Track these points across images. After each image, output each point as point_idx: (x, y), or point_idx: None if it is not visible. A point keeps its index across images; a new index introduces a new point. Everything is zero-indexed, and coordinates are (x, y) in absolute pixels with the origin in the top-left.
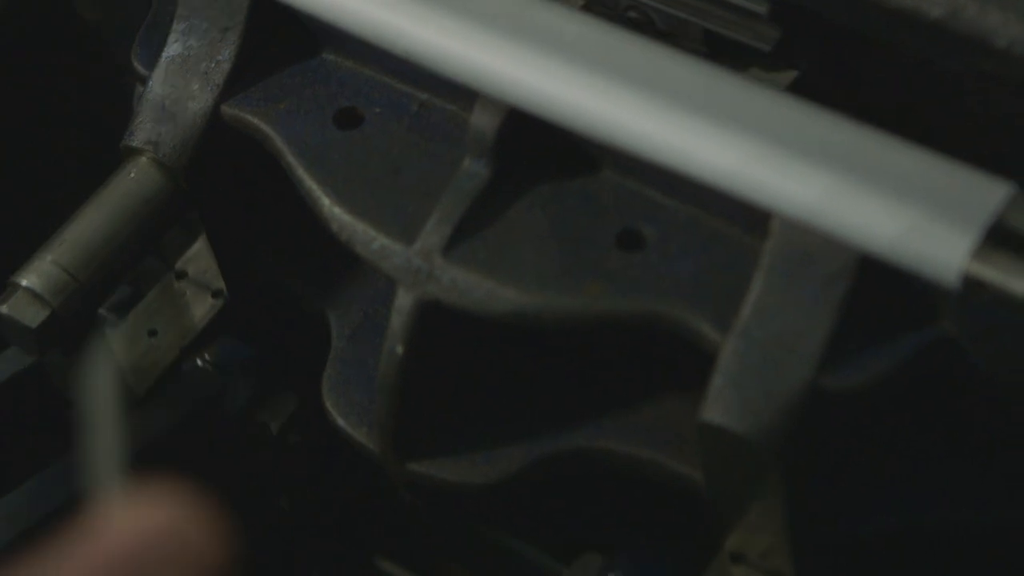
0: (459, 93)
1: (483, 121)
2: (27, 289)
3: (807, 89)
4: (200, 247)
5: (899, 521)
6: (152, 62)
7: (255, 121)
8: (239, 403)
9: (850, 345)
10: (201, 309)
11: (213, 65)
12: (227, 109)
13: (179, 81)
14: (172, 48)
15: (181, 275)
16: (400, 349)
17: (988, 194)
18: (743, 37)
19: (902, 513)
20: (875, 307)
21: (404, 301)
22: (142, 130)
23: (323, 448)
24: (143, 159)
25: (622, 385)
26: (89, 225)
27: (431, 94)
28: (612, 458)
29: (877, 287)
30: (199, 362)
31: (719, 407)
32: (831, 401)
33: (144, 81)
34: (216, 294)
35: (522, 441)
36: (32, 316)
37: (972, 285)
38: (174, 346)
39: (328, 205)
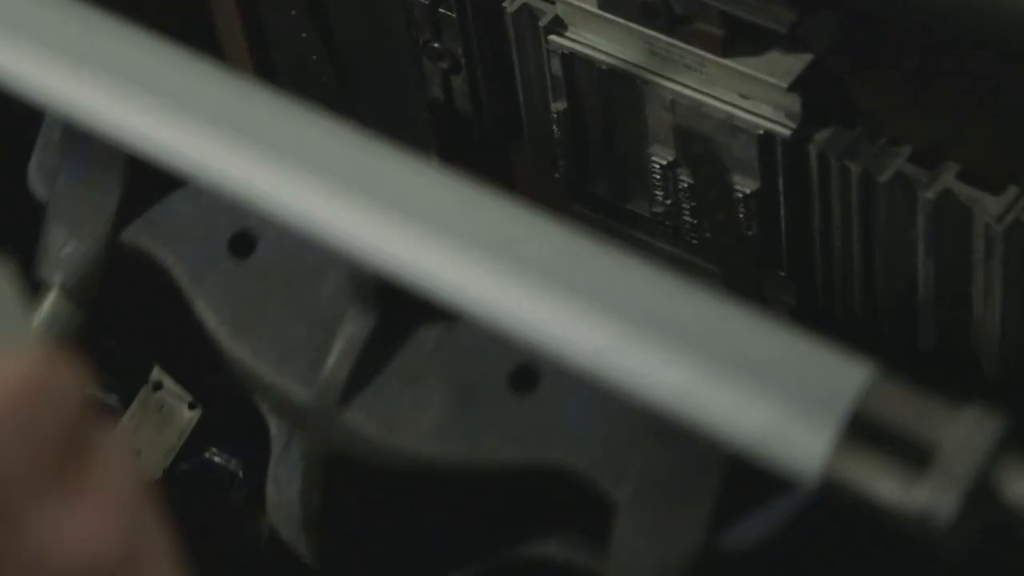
0: None
1: (360, 271)
2: None
3: (822, 72)
4: None
5: None
6: (48, 185)
7: (153, 250)
8: (239, 498)
9: (741, 503)
10: (181, 422)
11: (106, 193)
12: (125, 237)
13: (75, 211)
14: (67, 175)
15: (157, 386)
16: (314, 498)
17: (847, 381)
18: (760, 19)
19: None
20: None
21: (305, 451)
22: (46, 261)
23: None
24: (54, 290)
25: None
26: None
27: None
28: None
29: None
30: (206, 455)
31: (616, 566)
32: (726, 559)
33: (44, 206)
34: (192, 405)
35: (453, 562)
36: None
37: (832, 487)
38: (158, 466)
39: (228, 347)
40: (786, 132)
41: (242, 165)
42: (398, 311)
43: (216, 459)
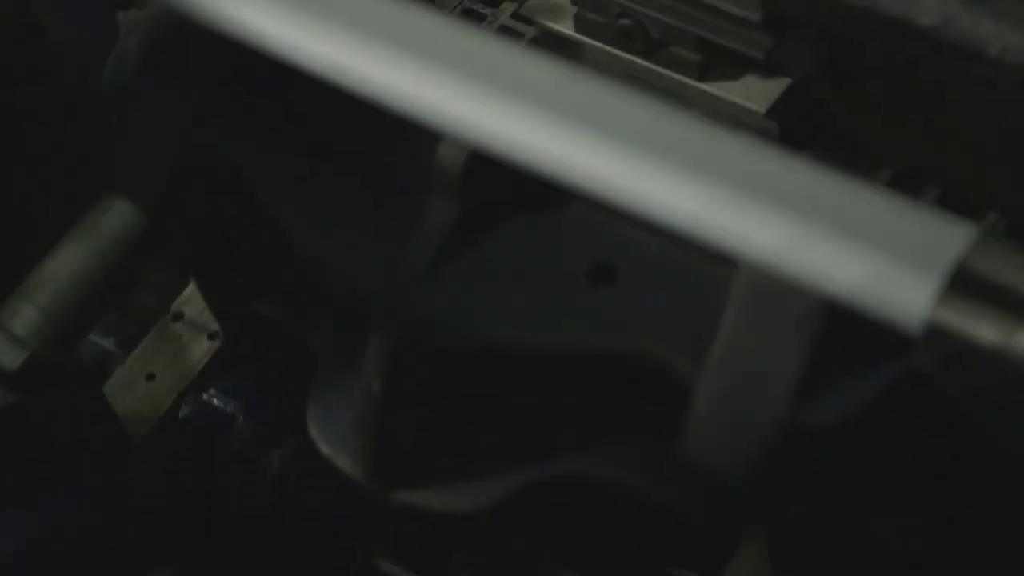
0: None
1: (448, 158)
2: (4, 331)
3: (800, 97)
4: (195, 288)
5: (880, 549)
6: (122, 91)
7: (228, 155)
8: (240, 441)
9: (822, 381)
10: (198, 351)
11: (183, 97)
12: (200, 143)
13: (148, 114)
14: (143, 81)
15: (177, 317)
16: (376, 386)
17: (951, 238)
18: (736, 45)
19: (882, 541)
20: (846, 342)
21: (379, 338)
22: (114, 167)
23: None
24: (116, 196)
25: (605, 411)
26: (64, 266)
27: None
28: (598, 483)
29: (847, 322)
30: (204, 396)
31: (695, 442)
32: (805, 436)
33: (115, 112)
34: (212, 335)
35: (508, 467)
36: (12, 359)
37: (936, 333)
38: (172, 391)
39: (303, 241)
40: None
41: (333, 40)
42: (482, 204)
43: (215, 402)
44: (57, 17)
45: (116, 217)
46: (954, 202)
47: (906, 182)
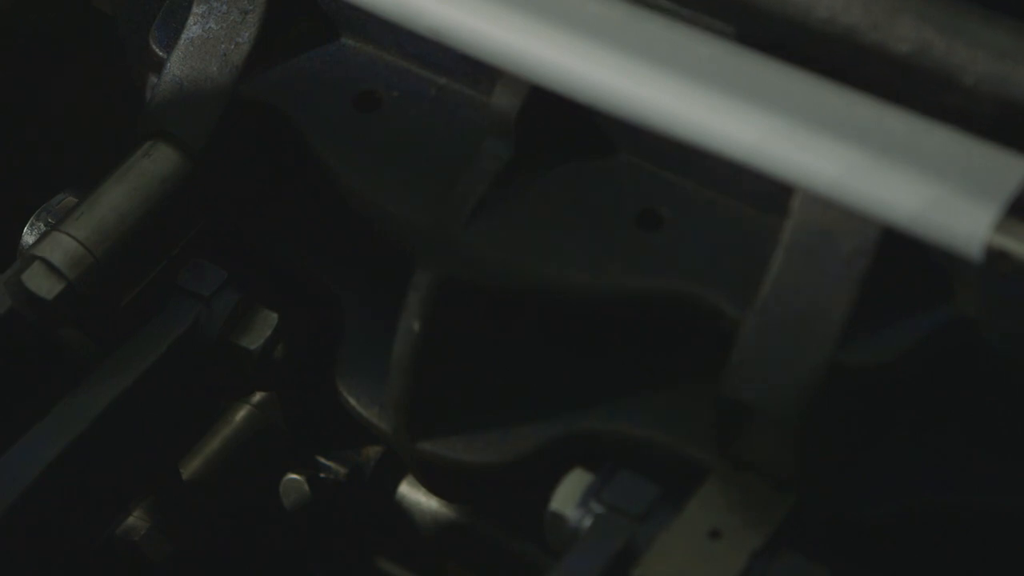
0: (478, 77)
1: (504, 101)
2: (43, 261)
3: None
4: None
5: (913, 503)
6: (170, 45)
7: (274, 103)
8: (216, 326)
9: (870, 322)
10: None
11: (232, 47)
12: (246, 91)
13: (198, 63)
14: (191, 30)
15: None
16: (416, 325)
17: (1010, 169)
18: None
19: (916, 495)
20: (894, 286)
21: (422, 277)
22: (160, 110)
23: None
24: (160, 138)
25: (636, 368)
26: (106, 202)
27: (449, 79)
28: (625, 441)
29: (896, 265)
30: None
31: (738, 381)
32: (850, 377)
33: (162, 64)
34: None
35: (535, 422)
36: (48, 288)
37: (995, 256)
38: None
39: (348, 182)
40: None
41: None
42: (532, 147)
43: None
44: None
45: (160, 159)
46: None
47: None
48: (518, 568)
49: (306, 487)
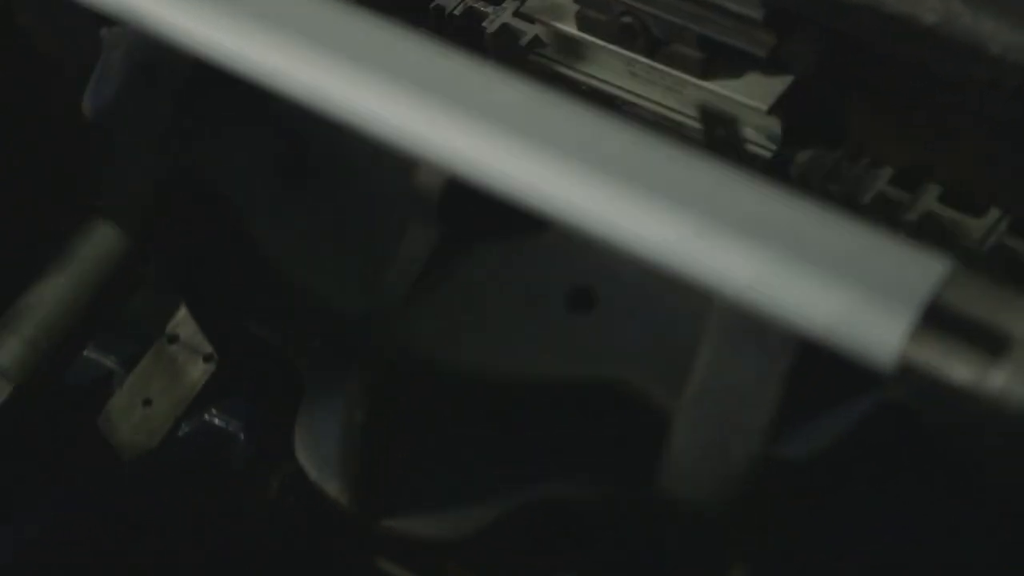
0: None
1: (425, 186)
2: None
3: (802, 94)
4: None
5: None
6: (103, 112)
7: (208, 178)
8: (240, 462)
9: (798, 415)
10: (195, 374)
11: (160, 120)
12: (179, 166)
13: (131, 138)
14: (122, 106)
15: (173, 339)
16: (358, 415)
17: (925, 272)
18: (738, 43)
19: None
20: (821, 376)
21: (361, 365)
22: (97, 190)
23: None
24: (98, 220)
25: (589, 433)
26: (48, 294)
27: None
28: (586, 505)
29: (822, 357)
30: (206, 416)
31: (675, 476)
32: (783, 470)
33: (97, 132)
34: (207, 358)
35: (494, 493)
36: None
37: (908, 371)
38: (169, 415)
39: (285, 268)
40: (767, 154)
41: (311, 69)
42: (460, 228)
43: (216, 421)
44: (44, 32)
45: (99, 242)
46: (956, 199)
47: (908, 179)
48: (518, 569)
49: None
